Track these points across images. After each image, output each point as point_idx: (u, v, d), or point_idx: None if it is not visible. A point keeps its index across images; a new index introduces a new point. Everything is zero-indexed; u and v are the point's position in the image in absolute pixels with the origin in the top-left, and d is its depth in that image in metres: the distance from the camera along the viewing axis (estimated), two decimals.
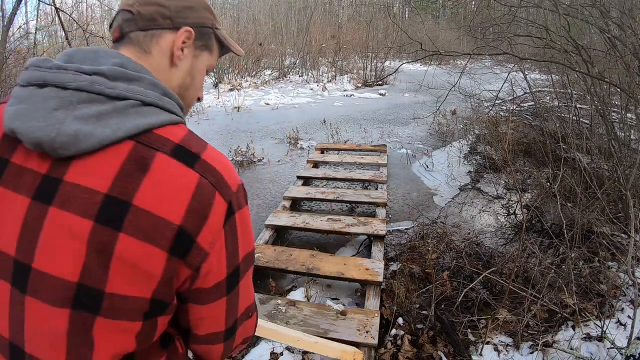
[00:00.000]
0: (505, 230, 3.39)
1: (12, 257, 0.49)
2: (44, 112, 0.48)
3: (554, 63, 3.64)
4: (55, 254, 0.48)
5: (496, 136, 5.21)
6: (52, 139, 0.47)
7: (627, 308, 2.25)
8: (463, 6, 16.87)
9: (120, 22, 0.60)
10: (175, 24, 0.60)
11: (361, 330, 2.10)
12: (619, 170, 2.82)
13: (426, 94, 7.00)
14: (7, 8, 5.81)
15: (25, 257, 0.49)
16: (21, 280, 0.49)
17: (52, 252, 0.48)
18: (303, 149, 5.83)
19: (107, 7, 16.83)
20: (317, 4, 16.90)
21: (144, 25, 0.59)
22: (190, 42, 0.63)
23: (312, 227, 3.24)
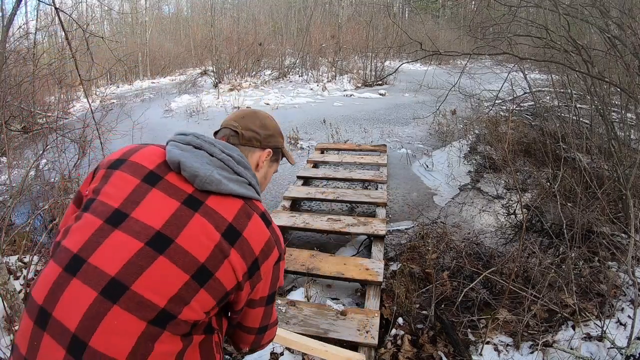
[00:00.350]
0: (505, 230, 3.39)
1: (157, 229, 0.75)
2: (201, 161, 0.82)
3: (554, 63, 3.63)
4: (197, 242, 0.75)
5: (496, 136, 5.20)
6: (206, 176, 0.80)
7: (627, 308, 2.25)
8: (463, 6, 16.87)
9: (227, 135, 0.98)
10: (262, 146, 0.99)
11: (361, 330, 2.10)
12: (619, 170, 2.82)
13: (426, 93, 7.00)
14: (7, 8, 5.81)
15: (171, 233, 0.75)
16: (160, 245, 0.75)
17: (194, 241, 0.75)
18: (303, 149, 5.83)
19: (107, 7, 16.83)
20: (317, 4, 16.88)
21: (244, 142, 0.97)
22: (269, 158, 1.01)
23: (312, 227, 3.24)
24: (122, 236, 0.74)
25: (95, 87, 11.98)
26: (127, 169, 0.83)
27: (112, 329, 0.68)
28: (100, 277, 0.70)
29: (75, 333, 0.68)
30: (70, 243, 0.75)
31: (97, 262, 0.72)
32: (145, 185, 0.80)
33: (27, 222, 3.30)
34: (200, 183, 0.79)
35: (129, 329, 0.69)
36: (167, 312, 0.71)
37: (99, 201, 0.79)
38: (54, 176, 4.21)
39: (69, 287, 0.71)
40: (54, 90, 7.78)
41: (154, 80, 15.23)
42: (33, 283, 0.85)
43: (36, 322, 0.71)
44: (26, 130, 5.84)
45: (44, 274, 0.76)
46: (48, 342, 0.69)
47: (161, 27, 20.23)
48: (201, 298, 0.75)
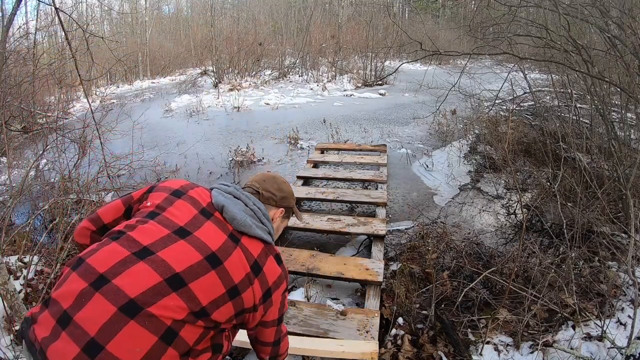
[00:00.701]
0: (505, 230, 3.39)
1: (213, 251, 1.02)
2: (238, 209, 1.11)
3: (554, 63, 3.63)
4: (237, 267, 1.05)
5: (496, 136, 5.20)
6: (242, 220, 1.08)
7: (628, 308, 2.25)
8: (463, 6, 16.87)
9: (251, 191, 1.25)
10: (277, 205, 1.28)
11: (361, 330, 2.10)
12: (619, 170, 2.82)
13: (426, 93, 7.00)
14: (7, 8, 5.82)
15: (222, 256, 1.03)
16: (213, 262, 1.02)
17: (235, 266, 1.05)
18: (303, 149, 5.83)
19: (107, 7, 16.83)
20: (317, 4, 16.87)
21: (263, 200, 1.24)
22: (282, 215, 1.30)
23: (312, 227, 3.24)
24: (186, 246, 1.00)
25: (95, 87, 11.97)
26: (188, 200, 1.11)
27: (167, 306, 0.92)
28: (167, 269, 0.95)
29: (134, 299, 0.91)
30: (140, 237, 1.00)
31: (165, 256, 0.96)
32: (202, 217, 1.08)
33: (27, 222, 3.30)
34: (237, 225, 1.08)
35: (180, 311, 0.92)
36: (205, 310, 0.96)
37: (164, 216, 1.06)
38: (54, 176, 4.21)
39: (136, 266, 0.94)
40: (54, 90, 7.78)
41: (154, 80, 15.23)
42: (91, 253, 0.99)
43: (92, 284, 0.91)
44: (26, 130, 5.84)
45: (109, 251, 0.97)
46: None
47: (161, 27, 20.22)
48: (227, 307, 1.01)
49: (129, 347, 0.86)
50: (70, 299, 0.90)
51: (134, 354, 0.86)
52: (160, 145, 5.99)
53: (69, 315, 0.88)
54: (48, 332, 0.88)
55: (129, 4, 18.78)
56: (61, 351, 0.85)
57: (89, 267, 0.94)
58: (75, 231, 1.26)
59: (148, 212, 1.08)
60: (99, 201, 3.59)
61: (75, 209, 3.45)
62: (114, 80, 14.62)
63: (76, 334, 0.86)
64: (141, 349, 0.87)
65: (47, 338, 0.88)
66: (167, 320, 0.90)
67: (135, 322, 0.87)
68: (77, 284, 0.92)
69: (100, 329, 0.86)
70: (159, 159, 4.90)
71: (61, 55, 7.47)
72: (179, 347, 0.92)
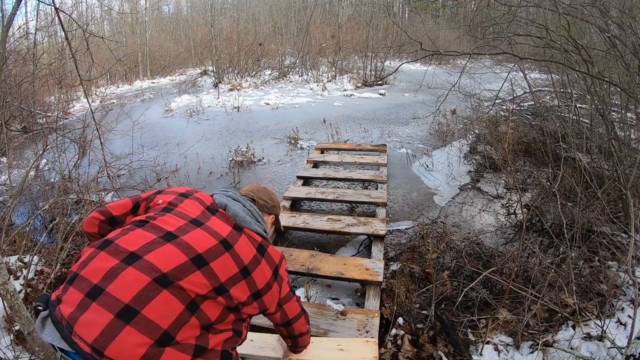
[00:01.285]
0: (505, 230, 3.39)
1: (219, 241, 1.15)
2: (238, 208, 1.29)
3: (554, 62, 3.63)
4: (244, 249, 1.20)
5: (496, 136, 5.20)
6: (243, 217, 1.27)
7: (628, 307, 2.25)
8: (463, 6, 16.86)
9: (249, 198, 1.43)
10: (269, 212, 1.49)
11: (361, 330, 2.10)
12: (619, 170, 2.82)
13: (426, 93, 7.01)
14: (7, 8, 5.82)
15: (230, 242, 1.17)
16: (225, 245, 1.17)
17: (242, 249, 1.20)
18: (303, 149, 5.83)
19: (107, 7, 16.83)
20: (317, 4, 16.86)
21: (258, 207, 1.41)
22: (271, 222, 1.53)
23: (312, 227, 3.24)
24: (202, 233, 1.15)
25: (95, 87, 11.98)
26: (195, 200, 1.28)
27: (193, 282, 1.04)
28: (191, 250, 1.09)
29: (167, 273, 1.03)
30: (163, 225, 1.14)
31: (188, 240, 1.11)
32: (209, 212, 1.24)
33: (27, 222, 3.30)
34: (239, 220, 1.26)
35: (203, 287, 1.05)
36: (224, 285, 1.10)
37: (177, 211, 1.22)
38: (54, 176, 4.21)
39: (165, 247, 1.07)
40: (54, 90, 7.78)
41: (154, 80, 15.23)
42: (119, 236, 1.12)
43: (123, 261, 1.02)
44: (26, 130, 5.84)
45: (137, 235, 1.10)
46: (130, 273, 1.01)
47: (161, 27, 20.22)
48: (242, 286, 1.15)
49: (162, 312, 0.97)
50: (99, 274, 0.99)
51: (166, 319, 0.97)
52: (160, 145, 5.99)
53: (101, 288, 0.97)
54: (74, 307, 0.95)
55: (129, 4, 18.77)
56: (92, 320, 0.92)
57: (119, 247, 1.06)
58: (83, 222, 1.38)
59: (162, 208, 1.24)
60: (99, 201, 3.58)
61: (75, 209, 3.45)
62: (114, 80, 14.62)
63: (108, 302, 0.94)
64: (172, 314, 0.98)
65: (74, 312, 0.94)
66: (191, 294, 1.03)
67: (167, 291, 0.99)
68: (107, 262, 1.02)
69: (135, 296, 0.96)
70: (159, 159, 4.90)
71: (61, 55, 7.47)
72: (200, 318, 1.04)
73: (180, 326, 0.99)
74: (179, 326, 0.99)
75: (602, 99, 3.42)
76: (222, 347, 1.09)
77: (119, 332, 0.91)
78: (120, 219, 1.35)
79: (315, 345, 1.73)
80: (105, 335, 0.91)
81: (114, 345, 0.90)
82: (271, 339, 1.83)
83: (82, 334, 0.91)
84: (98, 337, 0.90)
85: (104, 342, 0.90)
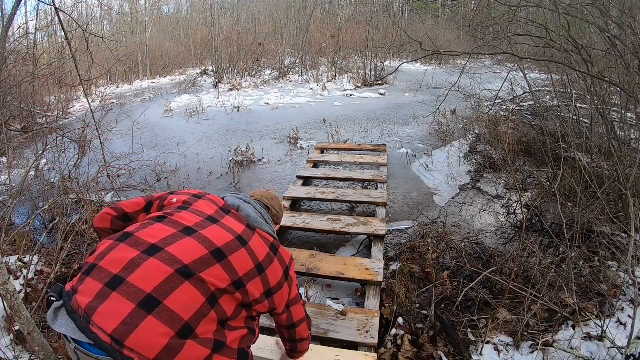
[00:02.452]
0: (505, 230, 3.39)
1: (234, 237, 1.18)
2: (250, 210, 1.33)
3: (554, 62, 3.63)
4: (258, 248, 1.23)
5: (496, 136, 5.20)
6: (255, 218, 1.30)
7: (628, 307, 2.25)
8: (463, 6, 16.86)
9: (261, 205, 1.43)
10: (277, 222, 1.53)
11: (361, 330, 2.10)
12: (619, 170, 2.82)
13: (426, 93, 7.01)
14: (7, 8, 5.81)
15: (242, 240, 1.19)
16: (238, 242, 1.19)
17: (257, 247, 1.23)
18: (303, 148, 5.83)
19: (107, 7, 16.83)
20: (316, 4, 16.84)
21: (271, 216, 1.46)
22: (277, 229, 1.51)
23: (312, 227, 3.24)
24: (218, 229, 1.17)
25: (95, 87, 11.97)
26: (207, 200, 1.31)
27: (214, 275, 1.06)
28: (211, 244, 1.10)
29: (188, 265, 1.04)
30: (181, 220, 1.16)
31: (207, 234, 1.13)
32: (222, 212, 1.27)
33: (27, 222, 3.30)
34: (252, 221, 1.28)
35: (223, 280, 1.07)
36: (242, 280, 1.12)
37: (193, 209, 1.24)
38: (54, 176, 4.21)
39: (185, 240, 1.09)
40: (54, 90, 7.77)
41: (153, 80, 15.23)
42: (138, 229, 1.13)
43: (145, 252, 1.04)
44: (26, 130, 5.84)
45: (156, 229, 1.12)
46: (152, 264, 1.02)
47: (161, 27, 20.23)
48: (257, 282, 1.17)
49: (184, 302, 0.97)
50: (120, 265, 0.99)
51: (187, 310, 0.97)
52: (160, 145, 5.99)
53: (121, 278, 0.97)
54: (92, 296, 0.94)
55: (129, 4, 18.77)
56: (112, 310, 0.91)
57: (139, 239, 1.07)
58: (95, 218, 1.40)
59: (178, 206, 1.26)
60: (99, 201, 3.58)
61: (75, 209, 3.45)
62: (114, 80, 14.61)
63: (130, 292, 0.94)
64: (193, 305, 0.98)
65: (92, 301, 0.93)
66: (212, 287, 1.03)
67: (189, 283, 0.99)
68: (127, 252, 1.02)
69: (157, 287, 0.95)
70: (158, 159, 4.90)
71: (61, 55, 7.46)
72: (219, 312, 1.04)
73: (200, 319, 0.98)
74: (199, 319, 0.98)
75: (602, 99, 3.41)
76: (239, 344, 1.09)
77: (141, 322, 0.90)
78: (133, 217, 1.36)
79: (314, 354, 1.74)
80: (127, 325, 0.89)
81: (135, 335, 0.89)
82: (271, 341, 1.83)
83: (101, 324, 0.89)
84: (119, 326, 0.89)
85: (124, 332, 0.88)
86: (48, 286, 2.46)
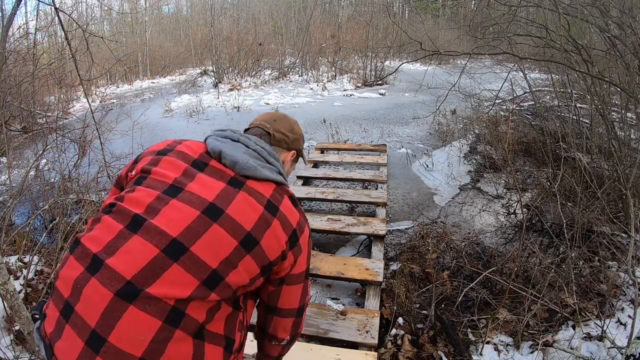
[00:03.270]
0: (505, 230, 3.39)
1: (210, 201, 0.87)
2: (239, 151, 0.96)
3: (554, 62, 3.63)
4: (244, 213, 0.88)
5: (496, 136, 5.20)
6: (245, 163, 0.93)
7: (628, 307, 2.25)
8: (463, 6, 16.86)
9: (259, 133, 1.10)
10: (289, 147, 1.15)
11: (361, 330, 2.10)
12: (619, 170, 2.82)
13: (426, 93, 7.00)
14: (7, 8, 5.81)
15: (221, 204, 0.87)
16: (212, 214, 0.86)
17: (241, 212, 0.88)
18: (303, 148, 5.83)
19: (107, 7, 16.83)
20: (316, 4, 16.85)
21: (274, 142, 1.11)
22: (292, 158, 1.18)
23: (312, 227, 3.23)
24: (179, 204, 0.86)
25: (95, 87, 11.98)
26: (176, 156, 0.96)
27: (171, 282, 0.79)
28: (162, 237, 0.81)
29: (131, 280, 0.78)
30: (130, 205, 0.87)
31: (158, 222, 0.83)
32: (193, 170, 0.93)
33: (27, 222, 3.30)
34: (239, 169, 0.93)
35: (185, 285, 0.80)
36: (218, 273, 0.82)
37: (151, 178, 0.93)
38: (54, 176, 4.21)
39: (130, 241, 0.82)
40: (54, 90, 7.77)
41: (153, 80, 15.23)
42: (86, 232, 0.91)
43: (87, 269, 0.81)
44: (26, 130, 5.84)
45: (102, 227, 0.87)
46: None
47: (161, 27, 20.24)
48: (247, 264, 0.86)
49: (131, 336, 0.76)
50: (68, 287, 0.81)
51: (137, 344, 0.76)
52: None
53: (71, 306, 0.80)
54: (53, 326, 0.81)
55: (129, 4, 18.77)
56: (67, 349, 0.78)
57: (84, 248, 0.85)
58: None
59: (135, 180, 0.95)
60: (99, 201, 3.58)
61: (75, 209, 3.45)
62: (114, 80, 14.62)
63: (79, 325, 0.77)
64: (145, 337, 0.76)
65: (53, 333, 0.81)
66: (169, 301, 0.78)
67: (134, 307, 0.76)
68: (73, 270, 0.83)
69: (99, 320, 0.76)
70: None
71: (61, 55, 7.46)
72: (187, 326, 0.79)
73: (160, 348, 0.78)
74: (159, 347, 0.78)
75: (602, 99, 3.42)
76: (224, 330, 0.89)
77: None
78: None
79: (314, 353, 1.73)
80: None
81: None
82: None
83: None
84: None
85: None
86: (48, 286, 2.46)
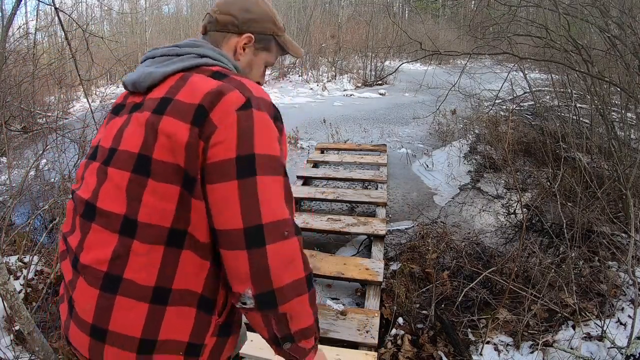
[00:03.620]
0: (505, 230, 3.39)
1: (108, 147, 0.79)
2: (140, 70, 0.81)
3: (554, 62, 3.63)
4: (132, 136, 0.75)
5: (496, 136, 5.20)
6: (137, 79, 0.79)
7: (628, 307, 2.25)
8: (463, 6, 16.86)
9: (206, 22, 0.91)
10: (240, 31, 0.89)
11: (361, 330, 2.10)
12: (619, 170, 2.82)
13: (426, 93, 7.00)
14: (7, 8, 5.81)
15: (115, 144, 0.78)
16: (108, 159, 0.78)
17: (130, 136, 0.75)
18: (303, 148, 5.83)
19: (107, 7, 16.82)
20: (316, 4, 16.83)
21: (219, 28, 0.89)
22: (251, 44, 0.91)
23: (312, 227, 3.24)
24: (92, 165, 0.82)
25: (95, 87, 11.97)
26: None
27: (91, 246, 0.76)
28: (79, 201, 0.82)
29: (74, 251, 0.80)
30: (82, 192, 0.82)
31: (80, 192, 0.82)
32: (111, 117, 0.86)
33: (27, 222, 3.30)
34: (139, 86, 0.80)
35: (106, 245, 0.73)
36: (128, 218, 0.71)
37: (99, 147, 0.84)
38: (54, 176, 4.21)
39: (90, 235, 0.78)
40: (54, 90, 7.77)
41: None
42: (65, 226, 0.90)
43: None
44: (26, 130, 5.84)
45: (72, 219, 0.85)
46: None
47: (161, 27, 20.22)
48: (154, 189, 0.70)
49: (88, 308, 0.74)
50: (68, 274, 0.82)
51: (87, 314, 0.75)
52: None
53: (70, 295, 0.80)
54: (65, 315, 0.83)
55: (129, 4, 18.77)
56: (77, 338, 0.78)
57: (69, 245, 0.82)
58: None
59: (88, 157, 0.87)
60: None
61: None
62: (114, 80, 14.60)
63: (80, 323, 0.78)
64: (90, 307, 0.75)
65: (65, 321, 0.82)
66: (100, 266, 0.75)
67: (82, 278, 0.76)
68: (67, 265, 0.84)
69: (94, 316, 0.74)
70: None
71: (61, 55, 7.46)
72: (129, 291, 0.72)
73: None
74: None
75: (602, 99, 3.42)
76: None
77: None
78: None
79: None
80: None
81: None
82: None
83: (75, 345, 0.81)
84: None
85: None
86: (48, 286, 2.46)
